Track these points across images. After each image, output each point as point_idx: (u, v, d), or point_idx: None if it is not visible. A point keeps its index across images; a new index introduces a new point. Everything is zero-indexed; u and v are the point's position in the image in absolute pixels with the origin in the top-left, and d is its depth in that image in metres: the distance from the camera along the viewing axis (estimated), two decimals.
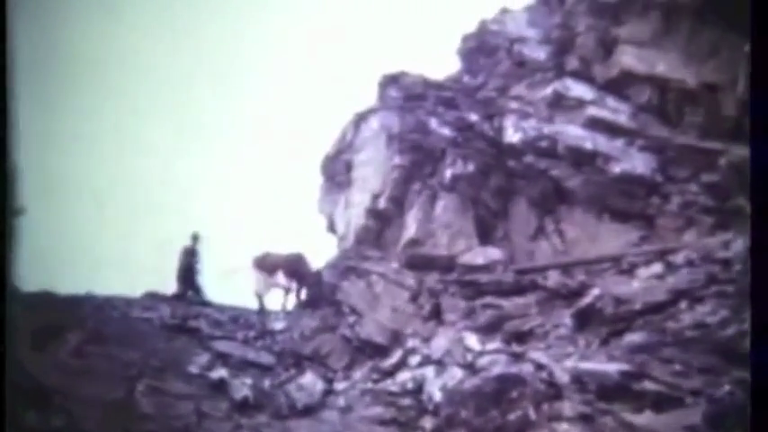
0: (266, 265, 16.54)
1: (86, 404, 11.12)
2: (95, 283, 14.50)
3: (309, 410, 12.01)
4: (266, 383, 12.46)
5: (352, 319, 14.33)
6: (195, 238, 16.71)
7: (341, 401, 12.23)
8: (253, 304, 15.97)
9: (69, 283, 13.83)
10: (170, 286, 16.06)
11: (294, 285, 16.50)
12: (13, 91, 4.83)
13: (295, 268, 16.51)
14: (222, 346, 13.31)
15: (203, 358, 12.79)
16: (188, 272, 16.42)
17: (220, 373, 12.38)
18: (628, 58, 16.38)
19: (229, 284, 16.57)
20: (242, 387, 12.10)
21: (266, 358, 13.30)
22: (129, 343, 12.55)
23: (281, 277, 16.45)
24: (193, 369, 12.42)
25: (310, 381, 12.72)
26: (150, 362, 12.27)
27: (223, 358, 12.92)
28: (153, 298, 15.27)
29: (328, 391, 12.53)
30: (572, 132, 16.15)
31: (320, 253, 17.38)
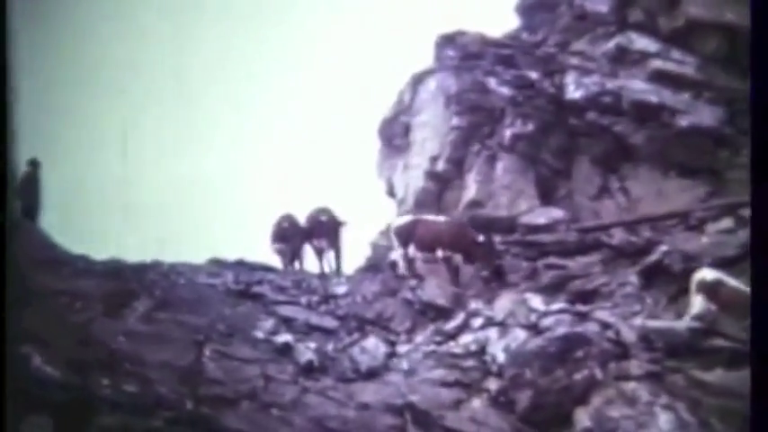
0: (422, 239, 14.07)
1: (157, 369, 11.38)
2: None
3: (373, 373, 12.06)
4: (330, 347, 12.55)
5: (413, 282, 14.30)
6: (34, 164, 14.08)
7: (404, 364, 12.24)
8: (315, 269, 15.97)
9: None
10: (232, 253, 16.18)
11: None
12: (14, 91, 4.84)
13: (459, 240, 13.98)
14: (286, 310, 13.41)
15: (268, 323, 12.91)
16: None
17: (285, 337, 12.50)
18: (694, 8, 15.80)
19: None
20: (306, 351, 12.20)
21: (329, 322, 13.36)
22: (196, 309, 12.75)
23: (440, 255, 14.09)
24: (259, 334, 12.56)
25: (373, 344, 12.76)
26: (217, 327, 12.44)
27: (287, 323, 13.04)
28: (217, 264, 15.43)
29: (391, 354, 12.56)
30: (636, 86, 15.72)
31: (380, 217, 17.36)
